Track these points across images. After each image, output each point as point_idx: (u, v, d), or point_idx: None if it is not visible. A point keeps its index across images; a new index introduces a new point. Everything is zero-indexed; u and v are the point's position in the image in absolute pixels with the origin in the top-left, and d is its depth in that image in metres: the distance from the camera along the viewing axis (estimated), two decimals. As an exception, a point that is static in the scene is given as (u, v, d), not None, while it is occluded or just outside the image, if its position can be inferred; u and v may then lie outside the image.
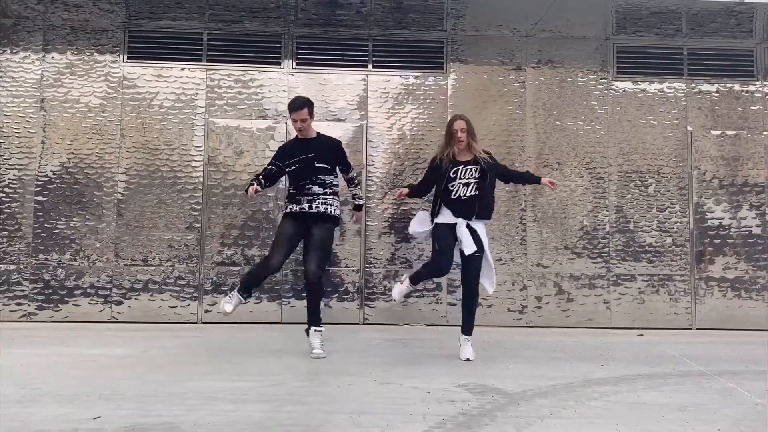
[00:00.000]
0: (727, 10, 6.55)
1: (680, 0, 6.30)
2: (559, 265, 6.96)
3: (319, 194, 5.09)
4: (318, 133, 5.32)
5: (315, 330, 5.07)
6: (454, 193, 4.96)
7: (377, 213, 6.90)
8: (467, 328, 4.99)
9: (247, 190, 5.04)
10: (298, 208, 5.10)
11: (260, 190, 5.06)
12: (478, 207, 4.92)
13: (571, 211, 7.02)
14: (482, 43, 7.13)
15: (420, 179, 5.67)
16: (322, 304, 5.37)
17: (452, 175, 4.98)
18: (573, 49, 7.16)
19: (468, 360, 4.83)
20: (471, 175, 4.98)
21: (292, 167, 5.15)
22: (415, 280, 4.93)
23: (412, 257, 6.89)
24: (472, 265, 4.94)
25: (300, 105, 5.11)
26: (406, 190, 5.30)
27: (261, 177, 5.15)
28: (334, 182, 5.21)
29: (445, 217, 4.98)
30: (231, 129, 6.91)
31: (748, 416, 3.41)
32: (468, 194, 4.94)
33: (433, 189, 5.15)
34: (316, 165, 5.11)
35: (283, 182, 6.84)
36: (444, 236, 4.93)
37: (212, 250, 6.80)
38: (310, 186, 5.10)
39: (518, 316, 6.89)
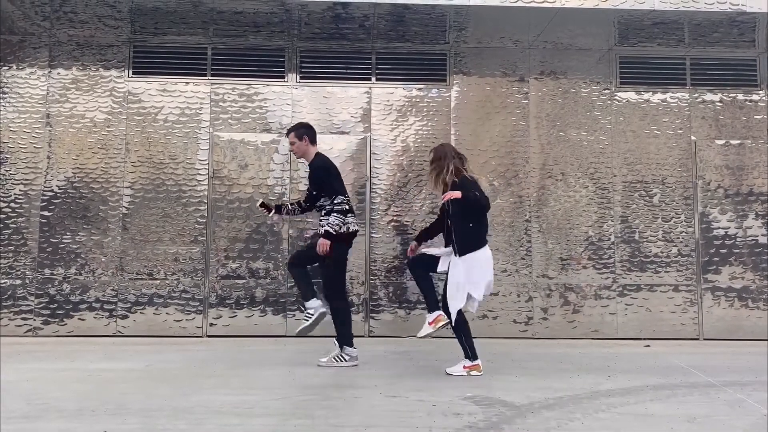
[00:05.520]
0: (730, 20, 6.56)
1: (682, 10, 6.30)
2: (564, 275, 6.93)
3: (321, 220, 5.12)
4: (317, 154, 5.20)
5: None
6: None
7: (381, 225, 6.90)
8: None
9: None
10: None
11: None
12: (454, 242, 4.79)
13: (576, 222, 7.00)
14: (485, 54, 7.16)
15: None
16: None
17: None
18: (576, 60, 7.18)
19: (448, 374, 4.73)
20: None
21: None
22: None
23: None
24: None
25: (288, 129, 5.30)
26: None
27: None
28: (325, 204, 5.05)
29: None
30: (235, 142, 6.94)
31: (757, 427, 3.38)
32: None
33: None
34: (312, 192, 5.22)
35: (287, 195, 6.88)
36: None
37: (217, 264, 6.81)
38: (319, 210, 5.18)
39: (524, 328, 6.86)
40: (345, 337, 5.09)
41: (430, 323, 4.79)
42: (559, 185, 7.04)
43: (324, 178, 5.07)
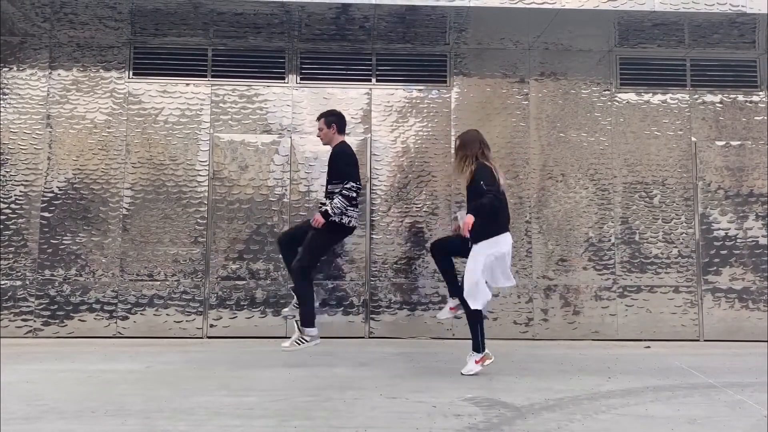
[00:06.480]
0: (729, 21, 6.55)
1: (682, 11, 6.30)
2: (564, 277, 6.93)
3: (324, 204, 5.23)
4: (341, 142, 5.37)
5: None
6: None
7: (382, 226, 6.90)
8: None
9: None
10: None
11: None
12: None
13: (576, 223, 7.00)
14: (485, 56, 7.16)
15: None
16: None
17: None
18: (576, 61, 7.18)
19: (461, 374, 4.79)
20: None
21: None
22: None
23: (417, 270, 6.88)
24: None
25: (320, 115, 5.47)
26: None
27: None
28: (335, 189, 5.15)
29: None
30: (236, 144, 6.94)
31: (757, 429, 3.38)
32: None
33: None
34: (327, 176, 5.32)
35: (287, 196, 6.89)
36: None
37: (217, 265, 6.81)
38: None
39: (524, 329, 6.85)
40: (305, 319, 5.11)
41: (451, 308, 5.13)
42: (560, 186, 7.04)
43: (338, 161, 5.22)
